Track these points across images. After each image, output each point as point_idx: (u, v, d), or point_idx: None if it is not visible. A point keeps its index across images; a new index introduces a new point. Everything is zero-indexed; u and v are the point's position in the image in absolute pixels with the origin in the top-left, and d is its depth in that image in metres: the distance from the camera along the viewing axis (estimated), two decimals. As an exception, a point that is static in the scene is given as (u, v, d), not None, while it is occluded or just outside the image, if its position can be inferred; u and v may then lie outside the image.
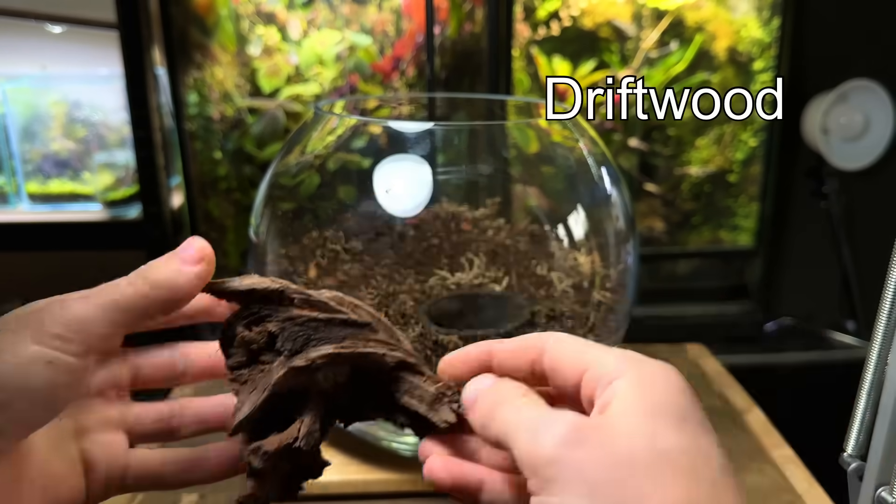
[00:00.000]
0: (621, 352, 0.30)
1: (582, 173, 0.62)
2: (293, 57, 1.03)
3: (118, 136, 1.17)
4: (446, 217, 0.64)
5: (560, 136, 0.62)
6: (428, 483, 0.34)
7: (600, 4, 1.05)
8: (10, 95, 1.14)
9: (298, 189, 0.63)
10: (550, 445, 0.27)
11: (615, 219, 0.60)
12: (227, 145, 1.06)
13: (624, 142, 1.11)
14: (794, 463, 0.61)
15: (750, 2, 1.08)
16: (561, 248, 0.61)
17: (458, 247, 0.61)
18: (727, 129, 1.13)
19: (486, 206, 0.67)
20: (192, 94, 1.04)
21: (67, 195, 1.16)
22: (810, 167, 1.14)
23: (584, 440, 0.27)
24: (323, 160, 0.60)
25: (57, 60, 1.25)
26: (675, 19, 1.07)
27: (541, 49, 1.06)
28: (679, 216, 1.16)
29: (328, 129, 0.60)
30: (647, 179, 1.14)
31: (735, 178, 1.15)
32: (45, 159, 1.16)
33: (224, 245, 1.11)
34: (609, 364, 0.29)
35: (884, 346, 0.43)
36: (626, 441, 0.26)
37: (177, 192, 1.13)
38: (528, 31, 1.06)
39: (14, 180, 1.16)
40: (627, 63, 1.08)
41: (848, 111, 1.09)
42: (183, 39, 1.02)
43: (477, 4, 1.04)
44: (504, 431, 0.29)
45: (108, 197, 1.14)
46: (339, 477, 0.57)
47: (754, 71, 1.11)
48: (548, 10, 1.05)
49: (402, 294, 0.56)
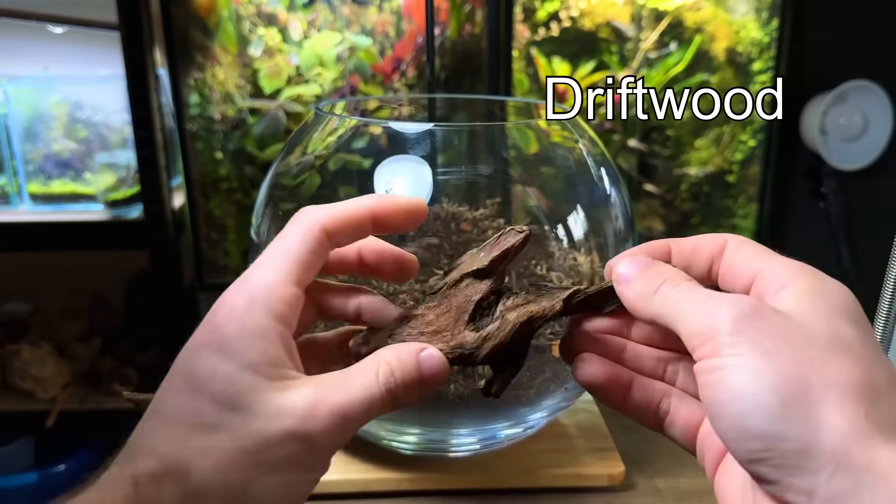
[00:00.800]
0: (799, 263, 0.30)
1: (581, 174, 0.62)
2: (294, 58, 1.04)
3: (119, 137, 1.17)
4: (446, 217, 0.64)
5: (560, 136, 0.62)
6: (573, 389, 0.34)
7: (600, 5, 1.06)
8: (11, 96, 1.14)
9: (299, 189, 0.63)
10: (727, 318, 0.27)
11: (614, 219, 0.61)
12: (228, 146, 1.07)
13: (623, 142, 1.12)
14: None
15: (749, 3, 1.09)
16: (560, 248, 0.61)
17: (458, 247, 0.62)
18: (726, 130, 1.13)
19: (486, 206, 0.67)
20: (194, 95, 1.04)
21: (69, 195, 1.17)
22: (809, 167, 1.14)
23: (763, 316, 0.27)
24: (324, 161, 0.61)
25: (58, 61, 1.25)
26: (674, 20, 1.07)
27: (540, 50, 1.06)
28: (678, 216, 1.16)
29: (329, 129, 0.61)
30: (647, 180, 1.14)
31: (734, 178, 1.15)
32: (47, 160, 1.17)
33: (225, 245, 1.11)
34: (785, 269, 0.29)
35: (882, 345, 0.43)
36: (805, 321, 0.27)
37: (178, 193, 1.13)
38: (527, 32, 1.06)
39: (16, 180, 1.17)
40: (627, 64, 1.08)
41: (847, 112, 1.09)
42: (184, 40, 1.02)
43: (477, 6, 1.04)
44: (668, 308, 0.29)
45: (109, 197, 1.15)
46: (340, 476, 0.57)
47: (753, 72, 1.11)
48: (547, 11, 1.05)
49: (402, 294, 0.56)
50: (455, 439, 0.57)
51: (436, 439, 0.57)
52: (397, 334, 0.35)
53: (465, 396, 0.51)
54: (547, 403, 0.56)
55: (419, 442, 0.57)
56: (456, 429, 0.56)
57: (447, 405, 0.52)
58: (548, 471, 0.57)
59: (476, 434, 0.56)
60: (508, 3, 1.02)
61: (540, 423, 0.59)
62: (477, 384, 0.52)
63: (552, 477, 0.57)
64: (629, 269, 0.32)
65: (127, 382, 1.23)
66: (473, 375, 0.52)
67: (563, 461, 0.58)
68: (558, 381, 0.54)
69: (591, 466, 0.58)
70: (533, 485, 0.57)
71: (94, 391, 1.24)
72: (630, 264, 0.32)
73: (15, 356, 1.21)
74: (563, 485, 0.57)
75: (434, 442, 0.57)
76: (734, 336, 0.26)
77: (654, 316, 0.30)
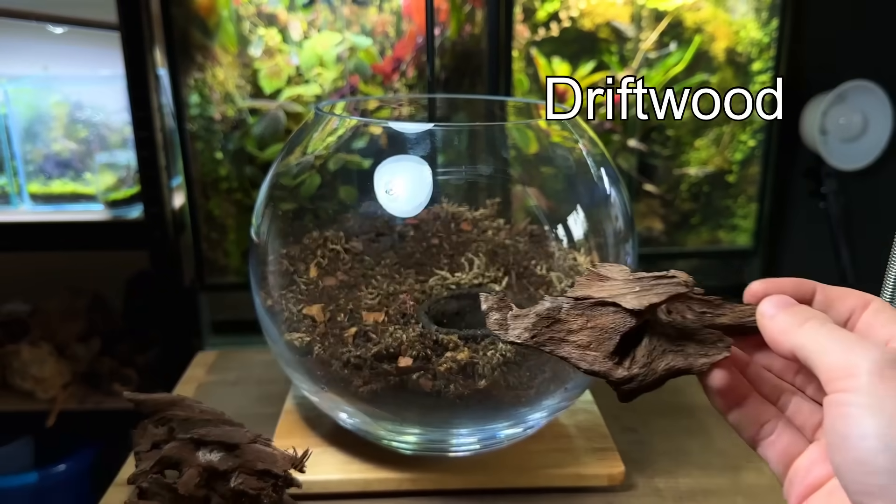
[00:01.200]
0: None
1: (581, 174, 0.62)
2: (294, 58, 1.04)
3: (120, 137, 1.17)
4: (446, 217, 0.65)
5: (559, 136, 0.62)
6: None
7: (599, 5, 1.06)
8: (11, 96, 1.14)
9: (299, 189, 0.63)
10: (873, 360, 0.29)
11: (614, 219, 0.61)
12: (228, 146, 1.07)
13: (623, 142, 1.12)
14: (791, 461, 0.61)
15: (749, 3, 1.09)
16: (560, 248, 0.61)
17: (458, 247, 0.62)
18: (726, 130, 1.13)
19: (486, 206, 0.67)
20: (194, 95, 1.05)
21: (69, 195, 1.17)
22: (809, 167, 1.14)
23: None
24: (323, 161, 0.61)
25: (59, 61, 1.25)
26: (673, 20, 1.07)
27: (540, 50, 1.06)
28: (678, 216, 1.16)
29: (329, 129, 0.61)
30: (646, 180, 1.14)
31: (734, 178, 1.15)
32: (47, 160, 1.17)
33: (225, 245, 1.11)
34: None
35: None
36: None
37: (178, 193, 1.13)
38: (527, 32, 1.06)
39: (16, 180, 1.17)
40: (626, 64, 1.08)
41: (846, 112, 1.09)
42: (184, 40, 1.02)
43: (477, 6, 1.04)
44: (812, 340, 0.31)
45: (109, 197, 1.15)
46: (340, 476, 0.57)
47: (753, 72, 1.11)
48: (547, 11, 1.05)
49: (402, 294, 0.56)
50: (455, 439, 0.57)
51: (436, 439, 0.57)
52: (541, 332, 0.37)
53: (464, 396, 0.51)
54: (547, 403, 0.56)
55: (419, 442, 0.57)
56: (456, 429, 0.56)
57: (447, 405, 0.52)
58: (548, 471, 0.57)
59: (476, 434, 0.56)
60: (508, 4, 1.02)
61: (540, 423, 0.59)
62: (477, 384, 0.52)
63: (552, 477, 0.57)
64: (769, 309, 0.34)
65: (127, 382, 1.23)
66: (473, 375, 0.52)
67: (562, 461, 0.58)
68: (558, 381, 0.54)
69: (590, 466, 0.58)
70: (533, 485, 0.57)
71: (93, 391, 1.24)
72: (776, 303, 0.34)
73: (15, 356, 1.21)
74: (562, 485, 0.57)
75: (434, 442, 0.57)
76: (875, 377, 0.28)
77: (796, 347, 0.32)
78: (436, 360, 0.51)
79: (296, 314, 0.57)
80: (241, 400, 0.72)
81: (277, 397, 0.70)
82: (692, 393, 0.72)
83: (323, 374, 0.54)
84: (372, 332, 0.53)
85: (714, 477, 0.60)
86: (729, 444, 0.65)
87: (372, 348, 0.52)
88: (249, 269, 0.63)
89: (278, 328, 0.58)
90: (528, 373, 0.53)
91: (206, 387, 0.74)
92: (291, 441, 0.60)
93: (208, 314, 1.17)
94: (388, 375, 0.52)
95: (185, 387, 0.74)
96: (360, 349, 0.52)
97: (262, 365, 0.79)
